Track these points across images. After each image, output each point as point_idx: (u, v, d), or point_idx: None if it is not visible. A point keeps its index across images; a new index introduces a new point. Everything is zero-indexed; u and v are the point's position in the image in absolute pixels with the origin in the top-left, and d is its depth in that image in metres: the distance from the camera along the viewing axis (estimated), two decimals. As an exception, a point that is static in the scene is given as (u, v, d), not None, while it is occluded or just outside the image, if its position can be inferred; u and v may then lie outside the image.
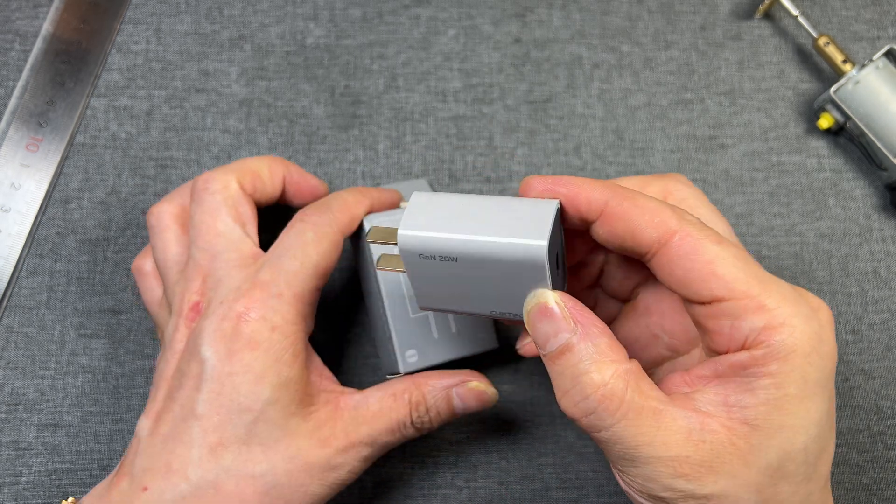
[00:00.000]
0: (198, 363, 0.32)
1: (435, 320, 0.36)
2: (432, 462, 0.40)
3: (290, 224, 0.34)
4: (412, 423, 0.34)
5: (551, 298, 0.27)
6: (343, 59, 0.45)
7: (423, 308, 0.32)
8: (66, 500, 0.36)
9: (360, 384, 0.41)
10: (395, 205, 0.38)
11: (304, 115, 0.44)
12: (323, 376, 0.35)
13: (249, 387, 0.31)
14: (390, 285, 0.36)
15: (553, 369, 0.27)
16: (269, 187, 0.37)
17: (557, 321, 0.27)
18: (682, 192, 0.31)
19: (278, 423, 0.32)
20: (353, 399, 0.34)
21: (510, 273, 0.28)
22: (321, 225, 0.34)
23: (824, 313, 0.28)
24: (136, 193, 0.43)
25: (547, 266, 0.27)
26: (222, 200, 0.35)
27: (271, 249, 0.34)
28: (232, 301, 0.32)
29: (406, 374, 0.35)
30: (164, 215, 0.37)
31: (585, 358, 0.26)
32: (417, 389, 0.34)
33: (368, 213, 0.36)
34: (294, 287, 0.33)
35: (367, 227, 0.36)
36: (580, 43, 0.46)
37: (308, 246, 0.33)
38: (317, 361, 0.35)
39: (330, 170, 0.44)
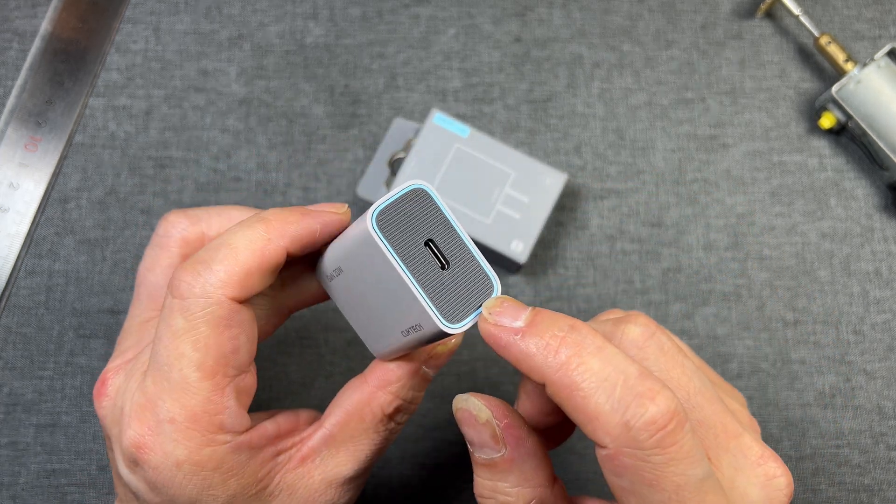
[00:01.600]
0: (130, 484, 0.28)
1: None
2: (432, 464, 0.40)
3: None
4: (395, 425, 0.30)
5: (484, 412, 0.25)
6: (343, 59, 0.45)
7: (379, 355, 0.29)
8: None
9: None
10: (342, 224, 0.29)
11: (304, 115, 0.44)
12: (279, 433, 0.29)
13: None
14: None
15: (476, 470, 0.26)
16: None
17: (484, 435, 0.25)
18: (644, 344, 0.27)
19: None
20: (318, 439, 0.29)
21: (371, 268, 0.24)
22: (193, 308, 0.25)
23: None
24: (134, 193, 0.43)
25: (379, 240, 0.23)
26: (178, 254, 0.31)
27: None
28: (125, 427, 0.27)
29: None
30: (174, 230, 0.31)
31: (508, 480, 0.25)
32: (384, 392, 0.29)
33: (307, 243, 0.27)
34: (188, 406, 0.26)
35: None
36: (581, 42, 0.46)
37: (180, 342, 0.25)
38: (266, 427, 0.29)
39: (330, 169, 0.43)
